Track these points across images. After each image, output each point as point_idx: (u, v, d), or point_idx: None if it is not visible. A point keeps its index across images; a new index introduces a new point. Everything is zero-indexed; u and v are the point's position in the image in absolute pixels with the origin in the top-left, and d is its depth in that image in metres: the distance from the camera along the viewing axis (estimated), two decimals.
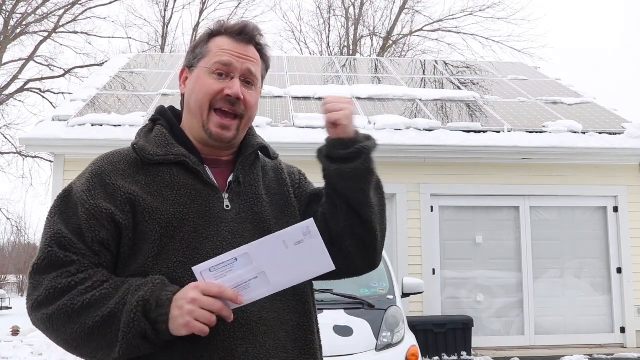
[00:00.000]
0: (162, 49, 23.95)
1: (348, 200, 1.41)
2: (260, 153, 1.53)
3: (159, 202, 1.33)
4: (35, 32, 23.14)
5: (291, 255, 1.24)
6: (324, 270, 1.28)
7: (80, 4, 23.30)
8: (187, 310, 1.19)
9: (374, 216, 1.43)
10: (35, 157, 21.91)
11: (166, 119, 1.48)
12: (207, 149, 1.45)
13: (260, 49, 1.49)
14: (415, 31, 24.34)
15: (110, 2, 24.06)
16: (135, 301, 1.21)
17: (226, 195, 1.39)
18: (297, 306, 1.39)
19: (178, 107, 1.56)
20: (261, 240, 1.25)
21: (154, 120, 1.49)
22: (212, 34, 1.46)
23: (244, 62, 1.42)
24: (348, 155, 1.39)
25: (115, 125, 8.42)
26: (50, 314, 1.25)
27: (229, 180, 1.42)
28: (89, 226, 1.30)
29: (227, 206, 1.37)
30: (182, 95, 1.50)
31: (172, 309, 1.21)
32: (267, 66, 1.53)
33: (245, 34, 1.45)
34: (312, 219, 1.28)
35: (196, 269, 1.23)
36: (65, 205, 1.35)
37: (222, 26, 1.46)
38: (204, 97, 1.40)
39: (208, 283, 1.22)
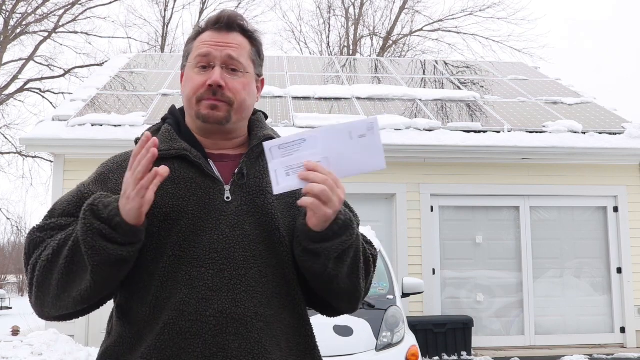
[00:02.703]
0: (162, 49, 23.96)
1: (313, 275, 1.36)
2: None
3: (158, 196, 1.32)
4: (35, 32, 23.15)
5: (353, 146, 1.29)
6: (375, 167, 1.30)
7: (80, 4, 23.33)
8: (136, 192, 1.20)
9: (347, 288, 1.38)
10: (35, 157, 21.93)
11: (175, 118, 1.49)
12: (211, 142, 1.44)
13: (248, 35, 1.46)
14: (415, 31, 24.36)
15: (110, 2, 24.08)
16: (82, 212, 1.24)
17: (228, 188, 1.36)
18: (291, 305, 1.36)
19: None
20: (331, 127, 1.28)
21: (164, 119, 1.50)
22: (198, 32, 1.46)
23: (223, 49, 1.40)
24: (315, 249, 1.31)
25: (115, 125, 8.42)
26: (36, 280, 1.29)
27: (233, 173, 1.40)
28: (74, 203, 1.35)
29: (228, 198, 1.35)
30: None
31: (120, 204, 1.22)
32: (258, 50, 1.49)
33: (221, 22, 1.43)
34: (377, 117, 1.32)
35: (266, 145, 1.27)
36: (67, 196, 1.40)
37: (205, 22, 1.47)
38: (190, 91, 1.41)
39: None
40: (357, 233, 1.36)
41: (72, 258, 1.24)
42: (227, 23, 1.43)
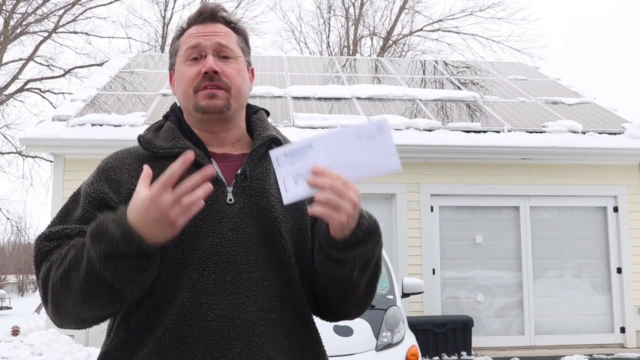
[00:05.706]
0: (162, 49, 23.95)
1: (334, 282, 1.33)
2: (274, 145, 1.47)
3: None
4: (35, 32, 23.16)
5: (362, 149, 1.22)
6: (389, 170, 1.23)
7: (80, 4, 23.33)
8: (182, 213, 1.14)
9: (358, 296, 1.37)
10: (35, 157, 21.92)
11: (176, 115, 1.48)
12: (212, 138, 1.42)
13: (232, 26, 1.46)
14: (415, 31, 24.37)
15: (110, 2, 24.10)
16: (112, 267, 1.16)
17: (230, 189, 1.34)
18: (293, 309, 1.34)
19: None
20: (339, 130, 1.23)
21: (166, 117, 1.49)
22: (182, 30, 1.47)
23: (212, 37, 1.41)
24: (341, 258, 1.27)
25: (115, 125, 8.42)
26: (51, 300, 1.24)
27: (236, 174, 1.37)
28: (86, 209, 1.31)
29: (230, 200, 1.33)
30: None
31: (140, 228, 1.14)
32: (245, 38, 1.49)
33: (205, 14, 1.44)
34: (386, 117, 1.26)
35: (272, 153, 1.23)
36: (71, 203, 1.37)
37: (188, 19, 1.48)
38: (185, 83, 1.40)
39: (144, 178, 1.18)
40: (381, 240, 1.31)
41: (90, 282, 1.17)
42: (211, 14, 1.44)
